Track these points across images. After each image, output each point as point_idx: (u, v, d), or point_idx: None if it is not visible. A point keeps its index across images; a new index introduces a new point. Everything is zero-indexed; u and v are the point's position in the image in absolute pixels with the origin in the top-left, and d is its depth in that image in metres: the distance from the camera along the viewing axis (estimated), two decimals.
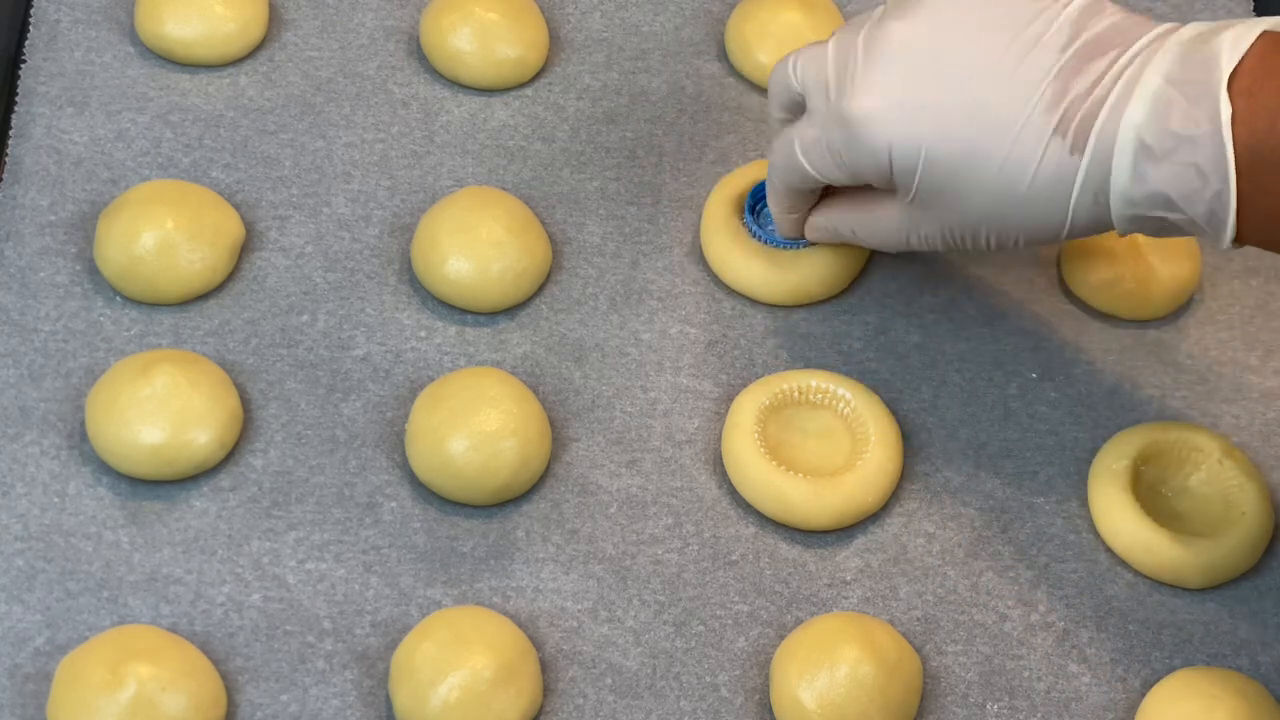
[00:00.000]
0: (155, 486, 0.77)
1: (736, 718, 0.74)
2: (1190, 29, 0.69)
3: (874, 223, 0.78)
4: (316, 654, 0.74)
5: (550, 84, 0.92)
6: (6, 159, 0.87)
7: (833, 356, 0.84)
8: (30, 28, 0.91)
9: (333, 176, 0.87)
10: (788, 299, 0.84)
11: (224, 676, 0.72)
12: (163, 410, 0.76)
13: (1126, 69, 0.68)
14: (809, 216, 0.81)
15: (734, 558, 0.78)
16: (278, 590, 0.75)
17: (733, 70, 0.93)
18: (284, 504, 0.77)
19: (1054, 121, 0.69)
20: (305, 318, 0.83)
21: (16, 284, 0.83)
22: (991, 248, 0.74)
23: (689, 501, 0.79)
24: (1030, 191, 0.70)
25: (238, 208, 0.86)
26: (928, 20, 0.72)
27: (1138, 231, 0.71)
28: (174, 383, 0.77)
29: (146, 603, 0.74)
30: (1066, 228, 0.71)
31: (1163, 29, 0.69)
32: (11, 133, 0.87)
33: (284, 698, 0.73)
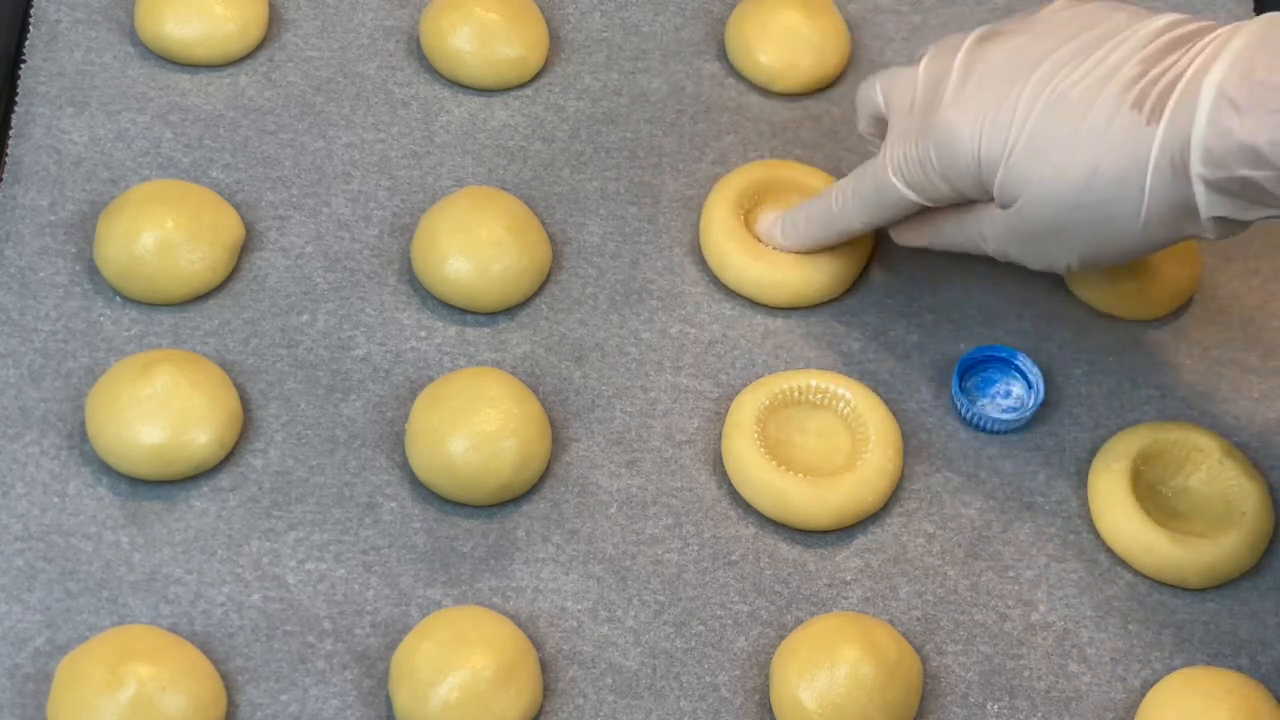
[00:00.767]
0: (155, 486, 0.77)
1: (736, 718, 0.74)
2: (1273, 14, 0.69)
3: (964, 227, 0.78)
4: (316, 654, 0.74)
5: (550, 84, 0.92)
6: (6, 159, 0.87)
7: (833, 356, 0.84)
8: (30, 28, 0.91)
9: (333, 176, 0.87)
10: (788, 301, 0.84)
11: (224, 676, 0.72)
12: (163, 410, 0.76)
13: (1207, 48, 0.69)
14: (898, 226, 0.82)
15: (734, 558, 0.78)
16: (278, 590, 0.75)
17: (733, 70, 0.93)
18: (284, 504, 0.77)
19: (1130, 98, 0.69)
20: (305, 318, 0.83)
21: (16, 284, 0.82)
22: (1076, 259, 0.73)
23: (689, 501, 0.79)
24: (1104, 164, 0.69)
25: (238, 208, 0.86)
26: (1025, 38, 0.73)
27: (1221, 212, 0.69)
28: (174, 383, 0.77)
29: (146, 603, 0.74)
30: (1145, 206, 0.69)
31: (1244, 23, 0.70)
32: (11, 133, 0.87)
33: (284, 698, 0.73)
